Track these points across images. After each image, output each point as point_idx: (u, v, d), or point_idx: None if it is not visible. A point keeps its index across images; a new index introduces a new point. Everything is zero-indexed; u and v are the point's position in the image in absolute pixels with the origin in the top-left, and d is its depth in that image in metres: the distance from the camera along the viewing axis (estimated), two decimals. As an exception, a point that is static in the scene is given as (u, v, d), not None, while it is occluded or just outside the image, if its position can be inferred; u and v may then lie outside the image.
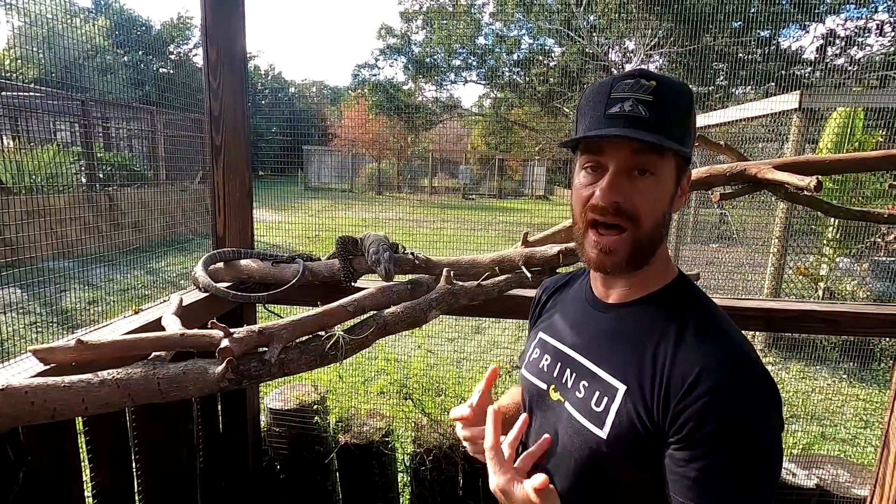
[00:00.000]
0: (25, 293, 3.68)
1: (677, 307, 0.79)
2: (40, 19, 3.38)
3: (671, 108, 0.73)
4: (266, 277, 1.56)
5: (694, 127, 0.78)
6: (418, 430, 2.25)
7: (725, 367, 0.69)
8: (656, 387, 0.72)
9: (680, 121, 0.74)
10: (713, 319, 0.77)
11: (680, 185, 0.78)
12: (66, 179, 5.30)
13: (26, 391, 0.82)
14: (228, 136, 1.64)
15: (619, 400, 0.75)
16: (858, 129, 4.82)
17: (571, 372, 0.84)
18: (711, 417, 0.67)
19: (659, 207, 0.75)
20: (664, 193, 0.75)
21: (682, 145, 0.74)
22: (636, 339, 0.77)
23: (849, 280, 5.15)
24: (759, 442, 0.67)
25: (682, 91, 0.74)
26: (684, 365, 0.71)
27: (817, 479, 2.16)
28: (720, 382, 0.68)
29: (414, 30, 21.55)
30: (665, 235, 0.80)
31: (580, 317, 0.89)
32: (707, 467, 0.66)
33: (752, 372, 0.70)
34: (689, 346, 0.72)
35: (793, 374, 4.45)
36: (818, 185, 1.25)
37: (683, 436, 0.68)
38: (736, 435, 0.66)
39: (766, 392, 0.69)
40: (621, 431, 0.74)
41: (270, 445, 2.24)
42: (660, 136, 0.70)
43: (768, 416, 0.68)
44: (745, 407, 0.67)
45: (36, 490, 1.00)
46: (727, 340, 0.73)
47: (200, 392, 0.98)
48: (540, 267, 1.50)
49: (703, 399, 0.67)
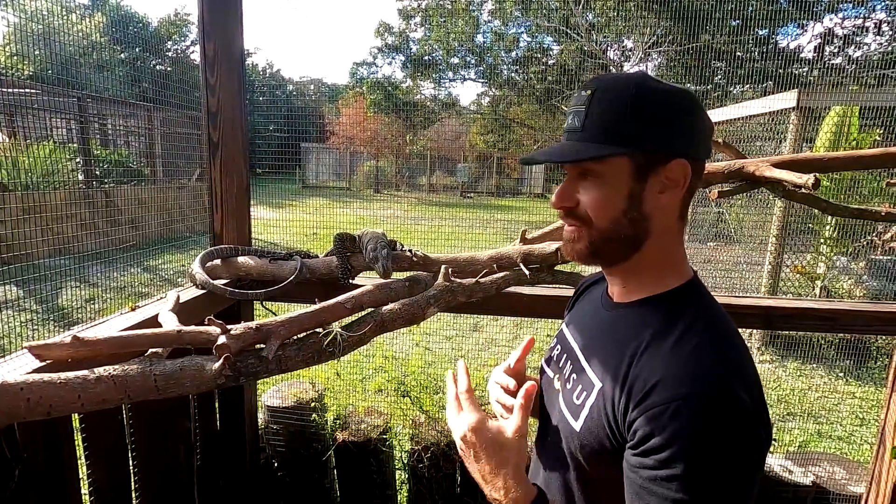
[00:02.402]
0: (21, 290, 3.67)
1: (670, 315, 0.76)
2: (37, 15, 3.36)
3: (603, 111, 0.74)
4: (263, 274, 1.55)
5: (655, 116, 0.73)
6: (416, 427, 2.25)
7: (686, 381, 0.66)
8: (622, 390, 0.72)
9: (615, 119, 0.73)
10: (700, 333, 0.72)
11: (648, 179, 0.75)
12: (62, 176, 5.27)
13: (22, 388, 0.81)
14: (226, 132, 1.63)
15: (594, 397, 0.77)
16: (854, 128, 4.83)
17: (571, 364, 0.87)
18: (660, 429, 0.64)
19: (607, 207, 0.76)
20: (613, 193, 0.76)
21: (620, 142, 0.73)
22: (621, 341, 0.77)
23: (846, 278, 5.17)
24: (706, 467, 0.63)
25: (620, 89, 0.74)
26: (647, 372, 0.70)
27: (814, 477, 2.17)
28: (676, 396, 0.65)
29: (412, 27, 21.50)
30: (637, 233, 0.77)
31: (591, 313, 0.92)
32: (652, 478, 0.65)
33: (714, 391, 0.65)
34: (659, 355, 0.71)
35: (790, 372, 4.47)
36: (816, 182, 1.25)
37: (635, 442, 0.68)
38: (682, 454, 0.63)
39: (730, 416, 0.64)
40: (591, 426, 0.76)
41: (268, 443, 2.24)
42: (591, 143, 0.74)
43: (726, 441, 0.64)
44: (697, 425, 0.63)
45: (32, 488, 1.00)
46: (702, 356, 0.69)
47: (197, 389, 0.98)
48: (538, 264, 1.50)
49: (655, 409, 0.66)
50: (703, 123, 0.77)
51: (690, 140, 0.76)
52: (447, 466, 2.14)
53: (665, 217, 0.78)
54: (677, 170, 0.74)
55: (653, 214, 0.76)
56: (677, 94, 0.75)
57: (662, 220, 0.77)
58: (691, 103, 0.76)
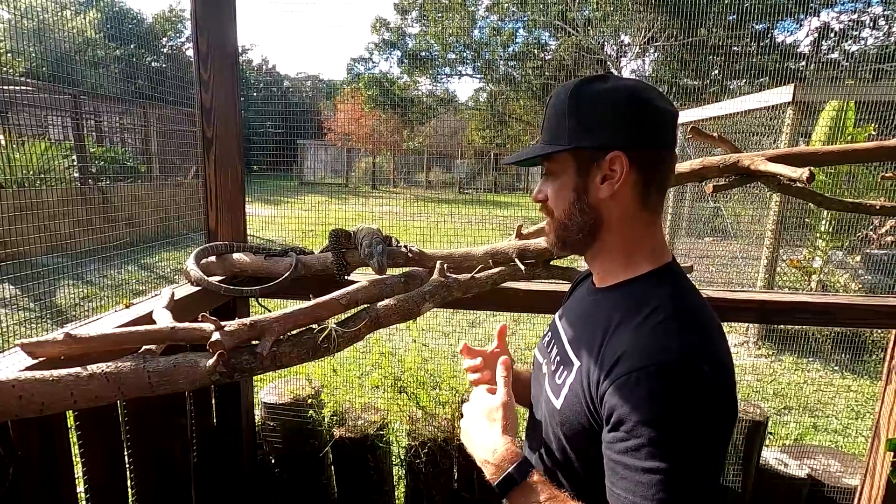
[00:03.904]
0: (16, 288, 3.65)
1: (641, 298, 0.79)
2: (30, 11, 3.34)
3: (550, 116, 0.85)
4: (259, 271, 1.54)
5: (592, 114, 0.80)
6: (413, 423, 2.25)
7: (649, 353, 0.70)
8: (595, 365, 0.76)
9: (557, 122, 0.83)
10: (668, 310, 0.75)
11: (589, 173, 0.81)
12: (57, 174, 5.24)
13: (13, 385, 0.81)
14: (220, 128, 1.62)
15: (574, 375, 0.81)
16: (850, 122, 4.84)
17: (557, 349, 0.92)
18: (624, 399, 0.68)
19: (560, 201, 0.86)
20: (564, 188, 0.85)
21: (561, 141, 0.82)
22: (598, 323, 0.82)
23: (841, 273, 5.19)
24: (669, 433, 0.65)
25: (562, 94, 0.82)
26: (615, 346, 0.74)
27: (809, 469, 2.18)
28: (634, 367, 0.69)
29: (409, 23, 21.43)
30: (590, 223, 0.83)
31: (578, 301, 0.98)
32: (622, 451, 0.68)
33: (676, 364, 0.68)
34: (625, 332, 0.75)
35: (786, 366, 4.49)
36: (811, 176, 1.25)
37: (606, 416, 0.71)
38: (645, 422, 0.66)
39: (691, 387, 0.67)
40: (571, 403, 0.80)
41: (265, 440, 2.24)
42: (545, 144, 0.85)
43: (687, 411, 0.66)
44: (658, 394, 0.66)
45: (26, 486, 1.00)
46: (668, 330, 0.72)
47: (192, 385, 0.98)
48: (534, 259, 1.50)
49: (617, 381, 0.70)
50: (652, 115, 0.79)
51: (632, 133, 0.79)
52: (444, 462, 2.15)
53: (618, 206, 0.82)
54: (614, 162, 0.79)
55: (601, 204, 0.82)
56: (620, 90, 0.79)
57: (615, 209, 0.82)
58: (637, 97, 0.78)
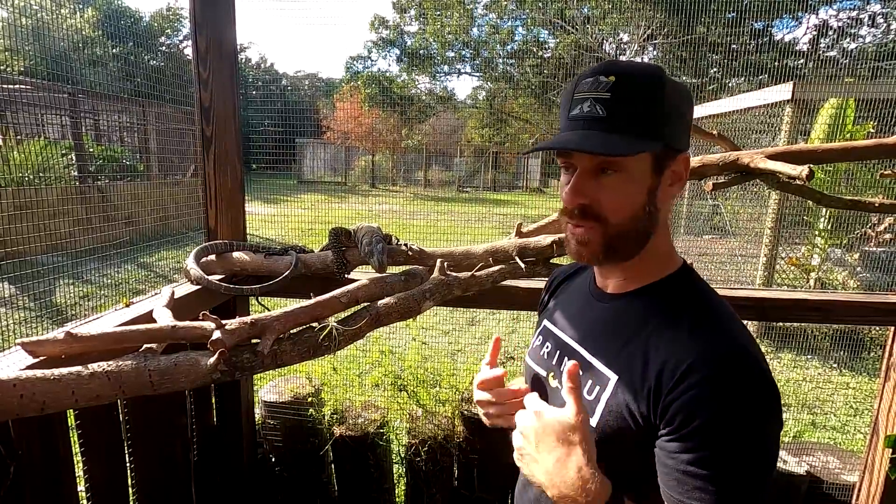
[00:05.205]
0: (15, 287, 3.65)
1: (675, 299, 0.78)
2: (27, 10, 3.32)
3: (632, 101, 0.71)
4: (259, 270, 1.55)
5: (673, 110, 0.74)
6: (413, 421, 2.25)
7: (717, 359, 0.68)
8: (647, 378, 0.72)
9: (645, 112, 0.71)
10: (712, 313, 0.75)
11: (663, 173, 0.75)
12: (56, 173, 5.23)
13: (14, 384, 0.81)
14: (219, 127, 1.62)
15: (610, 390, 0.76)
16: (850, 120, 4.84)
17: (569, 360, 0.85)
18: (701, 410, 0.66)
19: (628, 202, 0.74)
20: (635, 188, 0.74)
21: (650, 136, 0.72)
22: (631, 331, 0.77)
23: (840, 270, 5.20)
24: (749, 438, 0.66)
25: (648, 81, 0.71)
26: (676, 356, 0.70)
27: (808, 466, 2.19)
28: (710, 375, 0.67)
29: (407, 21, 21.39)
30: (650, 227, 0.77)
31: (581, 306, 0.91)
32: (696, 460, 0.66)
33: (744, 366, 0.68)
34: (682, 338, 0.72)
35: (784, 364, 4.49)
36: (810, 173, 1.26)
37: (674, 427, 0.68)
38: (726, 429, 0.65)
39: (760, 388, 0.68)
40: (610, 421, 0.75)
41: (265, 438, 2.24)
42: (620, 135, 0.71)
43: (761, 412, 0.67)
44: (736, 401, 0.66)
45: (27, 484, 1.00)
46: (722, 334, 0.72)
47: (192, 384, 0.98)
48: (534, 257, 1.50)
49: (692, 391, 0.67)
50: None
51: (688, 134, 0.79)
52: (444, 460, 2.15)
53: (667, 209, 0.79)
54: (683, 163, 0.77)
55: (662, 207, 0.77)
56: (686, 87, 0.76)
57: (665, 212, 0.79)
58: (691, 97, 0.77)
